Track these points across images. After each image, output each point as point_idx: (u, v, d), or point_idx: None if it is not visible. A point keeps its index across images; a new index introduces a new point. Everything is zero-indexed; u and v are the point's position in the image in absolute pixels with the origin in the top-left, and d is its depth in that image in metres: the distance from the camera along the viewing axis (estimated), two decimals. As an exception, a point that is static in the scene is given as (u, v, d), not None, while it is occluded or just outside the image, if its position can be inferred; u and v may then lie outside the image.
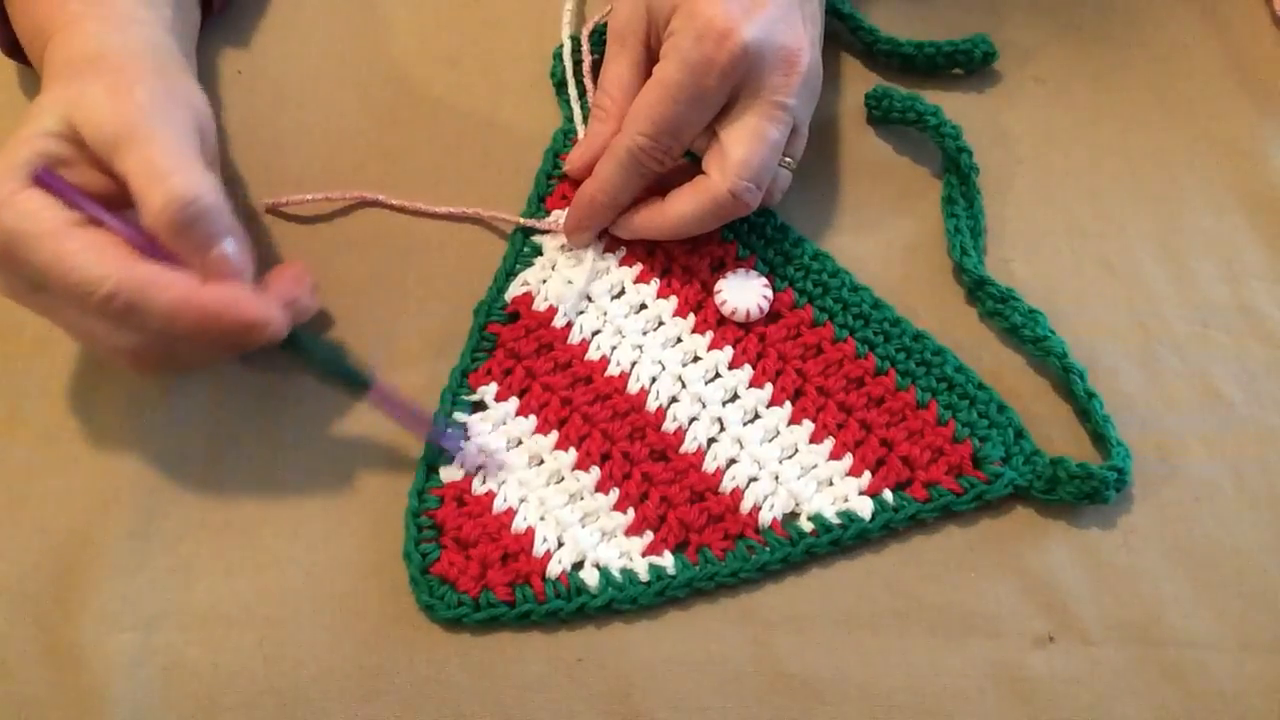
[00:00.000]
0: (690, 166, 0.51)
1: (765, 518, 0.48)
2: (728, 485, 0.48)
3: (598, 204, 0.51)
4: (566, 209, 0.54)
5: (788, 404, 0.50)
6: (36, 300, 0.45)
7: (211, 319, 0.42)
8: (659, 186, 0.51)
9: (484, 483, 0.48)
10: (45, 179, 0.43)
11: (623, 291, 0.52)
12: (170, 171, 0.42)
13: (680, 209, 0.50)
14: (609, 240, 0.53)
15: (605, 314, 0.52)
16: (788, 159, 0.51)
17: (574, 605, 0.46)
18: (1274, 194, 0.56)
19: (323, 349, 0.47)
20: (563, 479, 0.48)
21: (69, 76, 0.46)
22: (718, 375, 0.50)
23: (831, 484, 0.49)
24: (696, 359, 0.51)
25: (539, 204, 0.54)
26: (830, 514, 0.48)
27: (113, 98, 0.44)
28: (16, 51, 0.54)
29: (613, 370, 0.50)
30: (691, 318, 0.52)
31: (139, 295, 0.42)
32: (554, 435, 0.49)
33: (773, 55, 0.48)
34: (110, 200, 0.44)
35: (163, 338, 0.44)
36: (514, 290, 0.52)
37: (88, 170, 0.44)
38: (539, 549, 0.47)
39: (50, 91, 0.45)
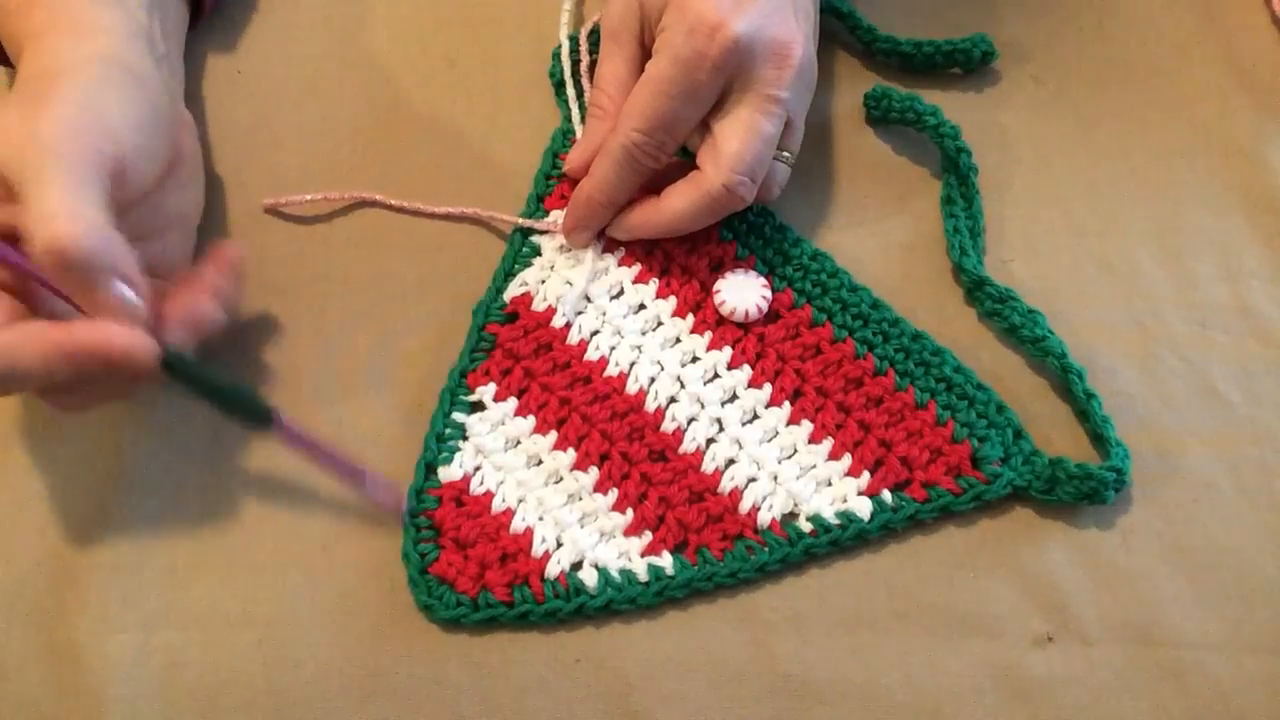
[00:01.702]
0: (686, 165, 0.51)
1: (764, 518, 0.48)
2: (726, 485, 0.48)
3: (595, 203, 0.51)
4: (565, 209, 0.54)
5: (786, 404, 0.50)
6: None
7: (83, 359, 0.42)
8: (655, 186, 0.51)
9: (481, 483, 0.48)
10: None
11: (621, 292, 0.52)
12: (54, 214, 0.41)
13: (675, 205, 0.50)
14: (608, 240, 0.53)
15: (604, 314, 0.52)
16: (785, 153, 0.51)
17: (572, 606, 0.46)
18: (1273, 194, 0.56)
19: (211, 377, 0.44)
20: (561, 479, 0.48)
21: (12, 99, 0.45)
22: (716, 375, 0.50)
23: (830, 484, 0.49)
24: (695, 359, 0.51)
25: (538, 204, 0.54)
26: (829, 514, 0.48)
27: (20, 129, 0.43)
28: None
29: (611, 370, 0.50)
30: (690, 318, 0.52)
31: (8, 360, 0.41)
32: (553, 435, 0.49)
33: (764, 48, 0.48)
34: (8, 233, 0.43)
35: (52, 386, 0.43)
36: (513, 290, 0.52)
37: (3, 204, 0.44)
38: (537, 549, 0.47)
39: None
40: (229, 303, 0.47)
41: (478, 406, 0.50)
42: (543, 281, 0.52)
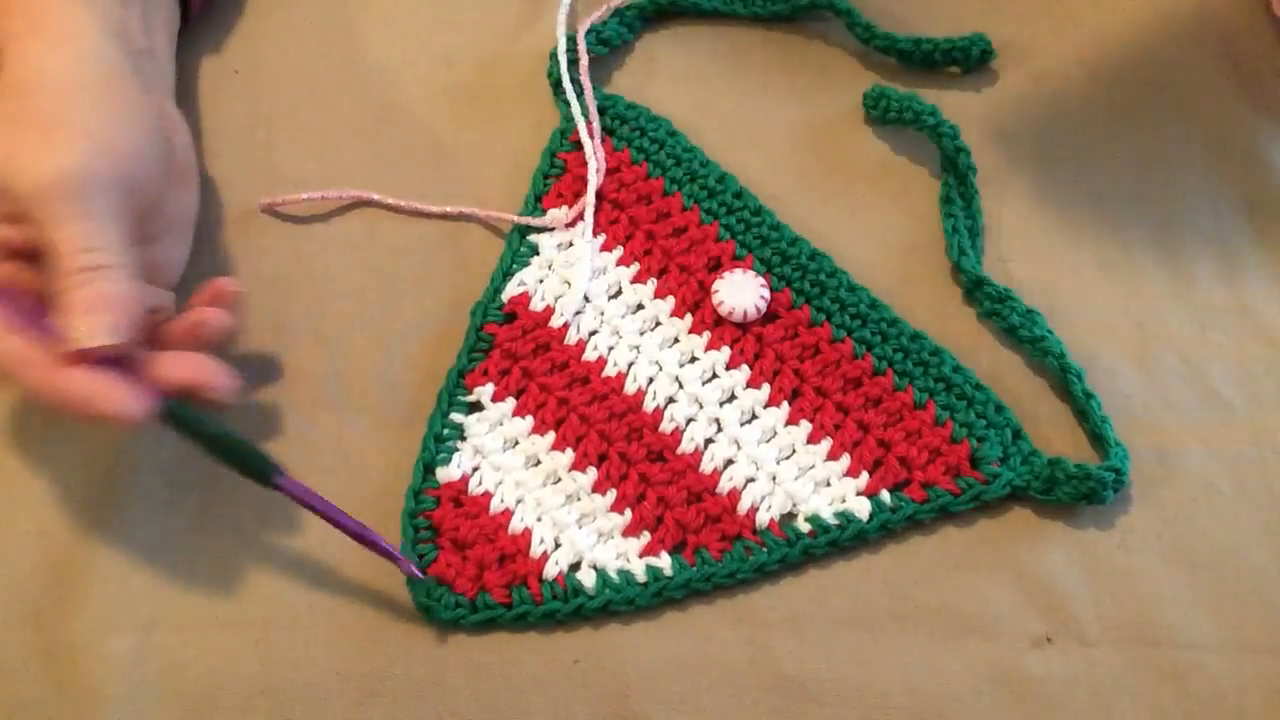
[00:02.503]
0: None
1: (762, 518, 0.48)
2: (725, 486, 0.48)
3: None
4: (564, 208, 0.54)
5: (785, 404, 0.50)
6: None
7: (69, 408, 0.42)
8: None
9: (480, 484, 0.48)
10: None
11: (620, 291, 0.52)
12: (84, 248, 0.42)
13: None
14: (607, 239, 0.53)
15: (602, 314, 0.52)
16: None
17: (571, 606, 0.46)
18: (1273, 194, 0.56)
19: (211, 430, 0.44)
20: (560, 479, 0.48)
21: (3, 115, 0.45)
22: (715, 375, 0.50)
23: (829, 484, 0.49)
24: (694, 359, 0.51)
25: (536, 204, 0.54)
26: (827, 514, 0.48)
27: (41, 154, 0.43)
28: None
29: (610, 370, 0.50)
30: (689, 318, 0.52)
31: (7, 369, 0.42)
32: (551, 436, 0.49)
33: None
34: (18, 251, 0.44)
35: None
36: (511, 290, 0.52)
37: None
38: (536, 550, 0.47)
39: None
40: (224, 335, 0.47)
41: (476, 407, 0.50)
42: (541, 281, 0.52)
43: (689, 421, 0.49)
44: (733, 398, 0.50)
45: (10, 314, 0.43)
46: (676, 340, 0.51)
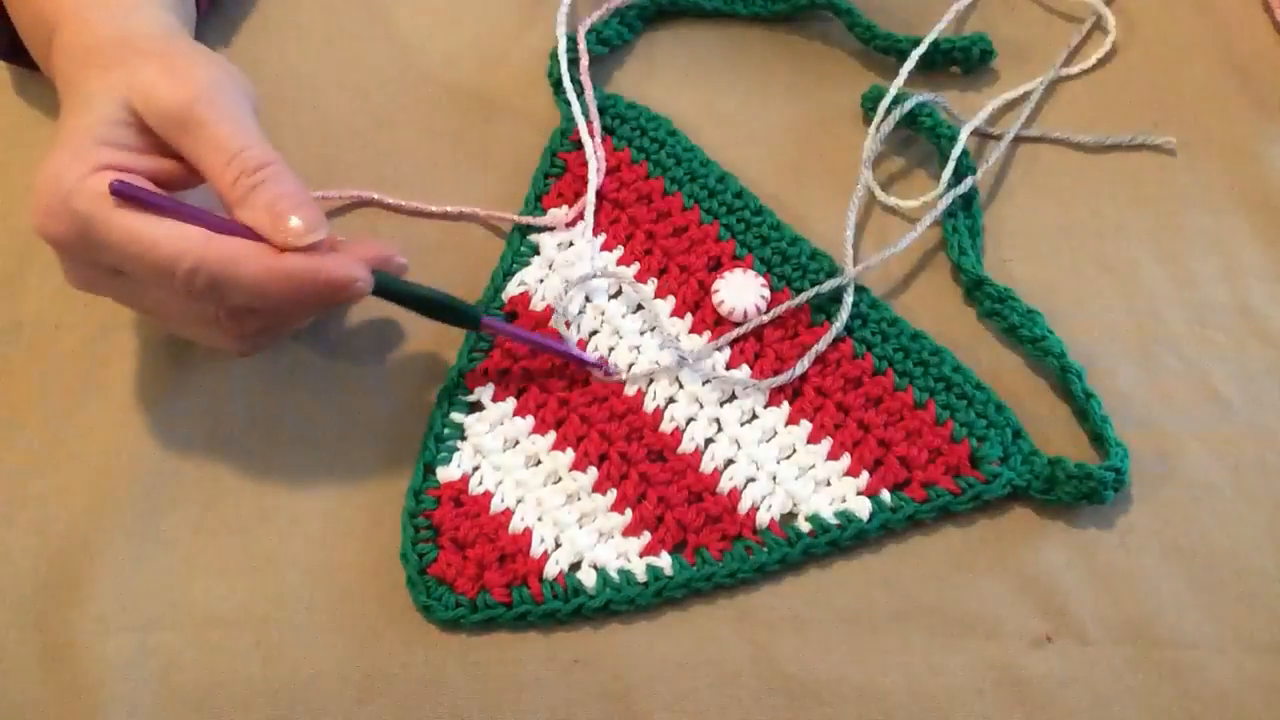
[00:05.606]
0: None
1: (763, 518, 0.48)
2: (725, 486, 0.48)
3: None
4: (564, 207, 0.54)
5: (785, 404, 0.50)
6: (115, 286, 0.44)
7: (297, 285, 0.42)
8: None
9: (480, 483, 0.48)
10: (121, 189, 0.42)
11: (620, 291, 0.52)
12: (241, 147, 0.43)
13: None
14: (607, 239, 0.53)
15: (603, 314, 0.52)
16: None
17: (571, 606, 0.46)
18: (1273, 194, 0.56)
19: (419, 291, 0.47)
20: (560, 479, 0.48)
21: (105, 63, 0.45)
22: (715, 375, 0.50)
23: (829, 484, 0.49)
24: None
25: (536, 203, 0.54)
26: (828, 514, 0.48)
27: (171, 79, 0.43)
28: (11, 54, 0.54)
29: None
30: (689, 317, 0.52)
31: (222, 269, 0.42)
32: (551, 435, 0.49)
33: None
34: (174, 181, 0.45)
35: (248, 309, 0.44)
36: (511, 290, 0.52)
37: (148, 157, 0.44)
38: (536, 550, 0.47)
39: (92, 78, 0.45)
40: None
41: (476, 406, 0.50)
42: (541, 281, 0.52)
43: (689, 421, 0.49)
44: (733, 398, 0.50)
45: (215, 226, 0.43)
46: (677, 340, 0.51)
